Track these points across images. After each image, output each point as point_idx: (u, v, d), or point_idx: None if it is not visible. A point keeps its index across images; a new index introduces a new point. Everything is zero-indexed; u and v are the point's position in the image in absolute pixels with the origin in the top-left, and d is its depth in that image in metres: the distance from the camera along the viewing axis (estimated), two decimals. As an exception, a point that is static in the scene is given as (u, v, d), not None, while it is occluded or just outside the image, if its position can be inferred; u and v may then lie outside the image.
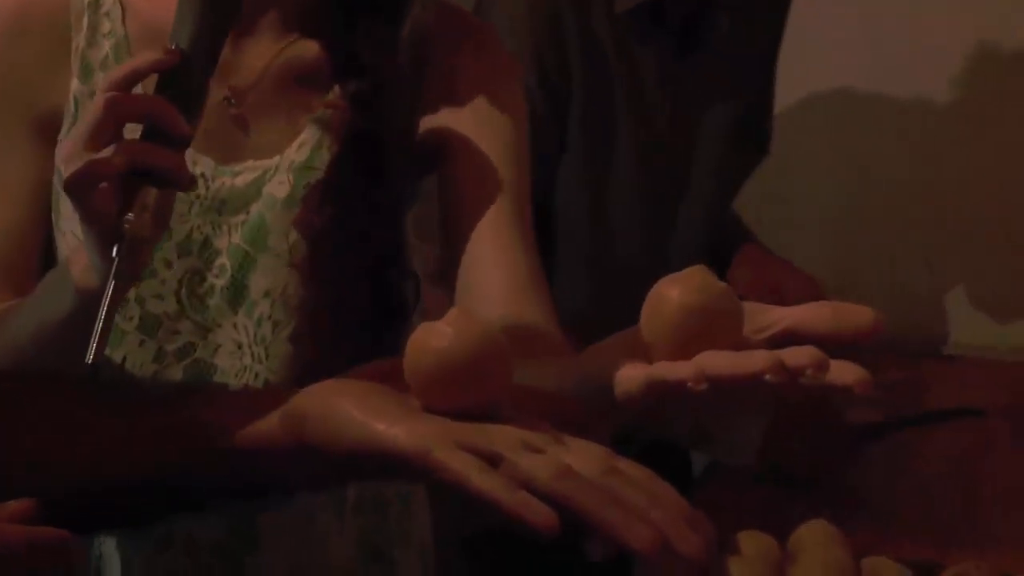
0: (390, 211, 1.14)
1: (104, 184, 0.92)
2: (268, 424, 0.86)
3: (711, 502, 1.42)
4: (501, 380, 0.82)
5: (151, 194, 0.93)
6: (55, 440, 0.92)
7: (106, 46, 1.13)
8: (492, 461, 0.76)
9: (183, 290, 1.13)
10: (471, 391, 0.82)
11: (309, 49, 1.14)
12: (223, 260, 1.13)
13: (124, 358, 1.13)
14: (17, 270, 1.14)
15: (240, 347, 1.13)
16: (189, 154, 1.05)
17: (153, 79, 0.97)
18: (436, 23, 1.16)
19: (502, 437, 0.78)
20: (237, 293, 1.13)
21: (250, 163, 1.13)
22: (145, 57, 0.96)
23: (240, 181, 1.13)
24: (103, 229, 0.93)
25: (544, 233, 1.62)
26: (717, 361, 0.79)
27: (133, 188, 0.92)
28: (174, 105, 0.94)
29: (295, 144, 1.13)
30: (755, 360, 0.78)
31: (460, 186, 1.14)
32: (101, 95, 0.92)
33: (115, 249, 0.92)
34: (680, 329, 0.83)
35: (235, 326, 1.13)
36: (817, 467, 1.58)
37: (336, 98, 1.12)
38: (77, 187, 0.92)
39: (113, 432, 0.92)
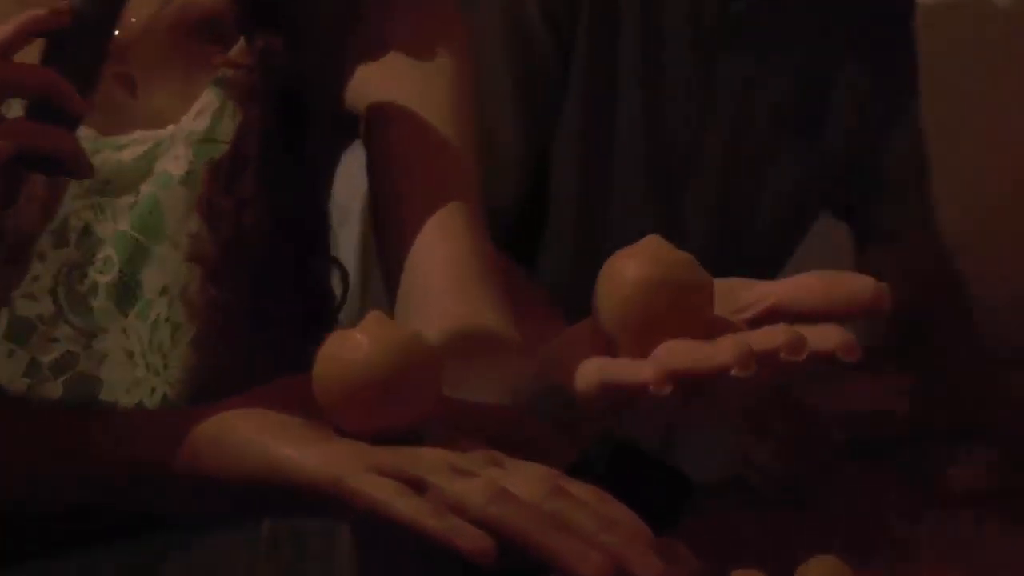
0: (310, 189, 1.06)
1: None
2: (158, 450, 0.82)
3: (709, 527, 1.35)
4: (426, 396, 0.77)
5: (39, 183, 0.87)
6: None
7: None
8: (416, 487, 0.72)
9: (60, 288, 1.02)
10: (390, 410, 0.76)
11: (211, 2, 1.04)
12: (108, 251, 1.03)
13: None
14: None
15: (131, 356, 1.03)
16: None
17: (36, 45, 0.85)
18: None
19: (427, 460, 0.74)
20: (127, 291, 1.03)
21: (138, 134, 1.03)
22: (29, 18, 0.84)
23: (127, 155, 1.02)
24: None
25: (538, 197, 1.55)
26: (678, 354, 0.73)
27: (17, 176, 0.83)
28: (66, 76, 0.83)
29: (192, 111, 1.03)
30: (720, 350, 0.72)
31: (395, 161, 1.05)
32: None
33: None
34: (639, 308, 0.76)
35: (125, 331, 1.03)
36: (792, 483, 1.48)
37: (240, 54, 1.03)
38: None
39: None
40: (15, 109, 0.86)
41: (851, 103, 1.64)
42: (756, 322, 0.76)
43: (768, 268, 1.65)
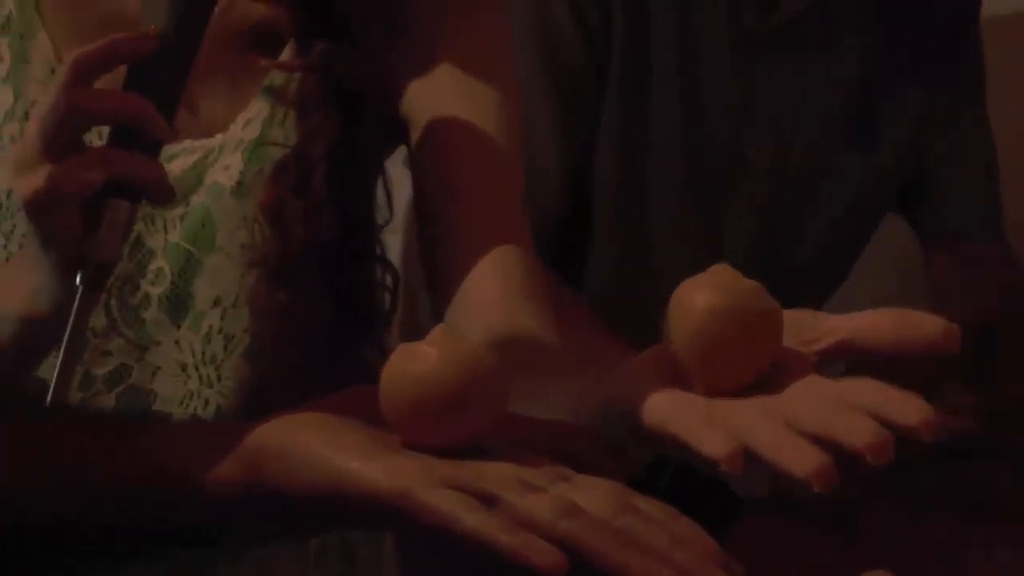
0: (364, 195, 1.06)
1: (72, 204, 0.83)
2: (222, 463, 0.83)
3: (755, 543, 1.35)
4: (493, 410, 0.78)
5: (122, 210, 0.84)
6: None
7: (9, 3, 1.02)
8: (486, 502, 0.72)
9: (113, 301, 1.02)
10: (458, 423, 0.77)
11: (256, 7, 1.04)
12: (160, 263, 1.02)
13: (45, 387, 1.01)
14: None
15: (184, 369, 1.03)
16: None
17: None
18: None
19: (496, 475, 0.74)
20: (179, 303, 1.02)
21: (188, 144, 1.02)
22: (114, 42, 0.84)
23: (176, 166, 1.02)
24: (65, 254, 0.84)
25: (581, 213, 1.54)
26: (760, 435, 0.72)
27: (101, 203, 0.83)
28: (151, 103, 0.83)
29: (241, 120, 1.03)
30: (803, 456, 0.71)
31: (442, 172, 1.04)
32: (61, 91, 0.81)
33: (79, 276, 0.83)
34: (708, 338, 0.77)
35: (177, 343, 1.03)
36: (840, 500, 1.47)
37: (292, 58, 1.03)
38: (41, 208, 0.83)
39: (47, 466, 0.90)
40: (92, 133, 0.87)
41: (906, 116, 1.61)
42: (826, 354, 0.76)
43: (824, 282, 1.64)
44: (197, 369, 1.03)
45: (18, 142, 0.97)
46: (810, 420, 0.72)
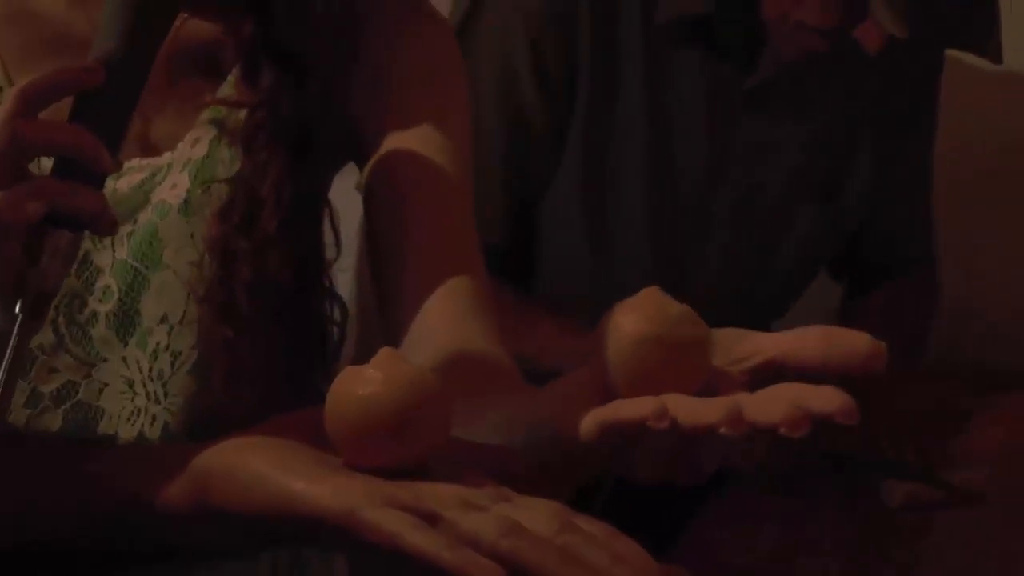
0: (312, 229, 1.05)
1: (12, 235, 0.81)
2: (169, 485, 0.83)
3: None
4: (436, 432, 0.78)
5: (64, 240, 0.83)
6: None
7: None
8: (429, 521, 0.73)
9: (60, 318, 1.01)
10: (402, 445, 0.77)
11: (203, 28, 1.03)
12: (107, 280, 1.01)
13: None
14: None
15: (131, 385, 1.02)
16: None
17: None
18: None
19: (439, 494, 0.75)
20: (126, 320, 1.01)
21: (135, 162, 1.02)
22: (62, 73, 0.83)
23: (124, 184, 1.01)
24: (5, 281, 0.83)
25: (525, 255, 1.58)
26: (679, 404, 0.74)
27: (42, 233, 0.82)
28: (95, 134, 0.82)
29: (189, 138, 1.02)
30: (713, 409, 0.73)
31: (392, 193, 1.04)
32: (5, 121, 0.80)
33: (18, 304, 0.82)
34: (637, 364, 0.78)
35: (124, 360, 1.02)
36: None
37: (234, 92, 1.02)
38: None
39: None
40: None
41: (870, 166, 1.65)
42: (755, 373, 0.77)
43: (777, 310, 1.69)
44: (144, 386, 1.02)
45: None
46: (726, 400, 0.73)
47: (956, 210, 1.89)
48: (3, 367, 0.82)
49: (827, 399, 0.72)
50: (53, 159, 0.84)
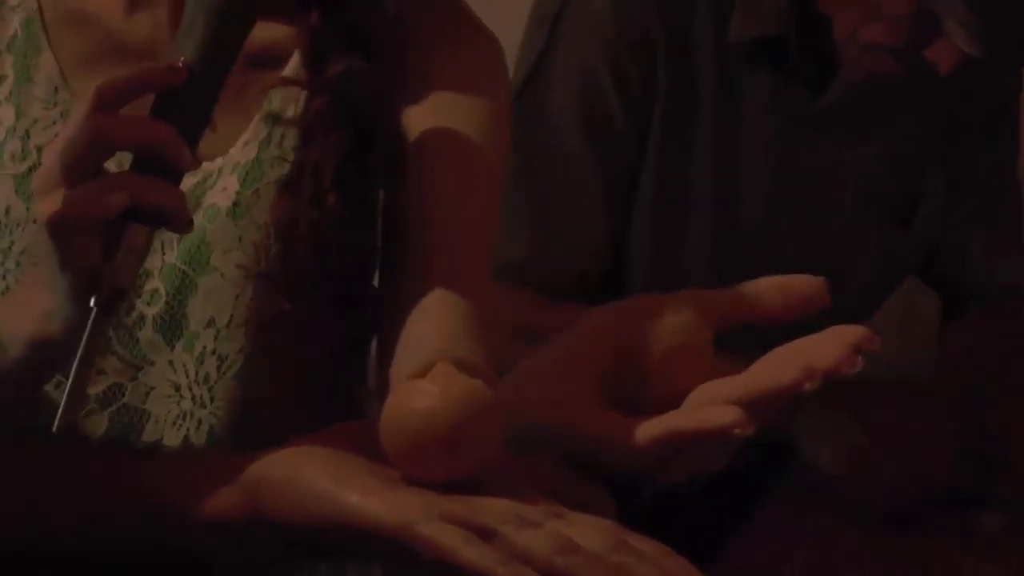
0: (362, 216, 1.06)
1: (89, 229, 0.83)
2: (222, 494, 0.85)
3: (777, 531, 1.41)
4: (492, 446, 0.82)
5: (141, 236, 0.85)
6: None
7: (15, 21, 1.02)
8: (484, 536, 0.75)
9: None
10: (457, 459, 0.79)
11: (265, 29, 1.03)
12: (155, 283, 1.02)
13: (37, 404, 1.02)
14: None
15: (177, 389, 1.03)
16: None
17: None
18: (402, 9, 1.06)
19: (494, 510, 0.77)
20: (173, 324, 1.02)
21: None
22: (145, 72, 0.85)
23: None
24: (81, 278, 0.85)
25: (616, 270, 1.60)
26: (750, 381, 0.85)
27: (120, 229, 0.84)
28: (176, 130, 0.85)
29: (240, 142, 1.03)
30: (788, 369, 0.84)
31: (411, 207, 1.05)
32: (87, 116, 0.83)
33: (93, 299, 0.83)
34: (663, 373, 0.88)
35: (171, 364, 1.02)
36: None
37: (298, 75, 1.03)
38: (59, 231, 0.84)
39: (40, 489, 0.90)
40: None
41: (945, 188, 1.65)
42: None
43: None
44: (190, 389, 1.02)
45: (18, 160, 0.98)
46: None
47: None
48: (76, 361, 0.83)
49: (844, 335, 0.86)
50: (132, 156, 0.85)
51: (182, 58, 0.85)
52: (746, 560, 1.38)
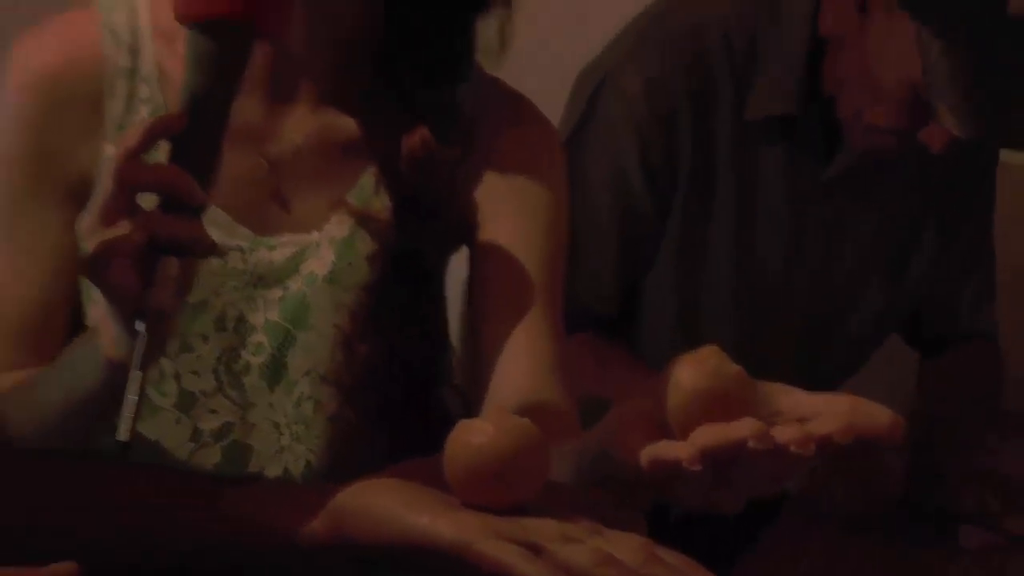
0: (433, 284, 1.17)
1: (124, 260, 0.90)
2: (308, 519, 0.90)
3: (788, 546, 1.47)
4: (539, 476, 0.86)
5: (173, 265, 0.91)
6: (86, 515, 0.95)
7: (144, 112, 1.11)
8: (533, 552, 0.80)
9: (220, 367, 1.12)
10: (510, 487, 0.86)
11: (347, 125, 1.14)
12: (260, 337, 1.13)
13: (159, 437, 1.12)
14: (41, 336, 1.13)
15: (278, 427, 1.13)
16: (225, 223, 1.08)
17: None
18: (482, 99, 1.16)
19: (542, 529, 0.82)
20: (275, 372, 1.13)
21: (287, 237, 1.13)
22: (152, 123, 0.92)
23: (278, 256, 1.12)
24: (126, 305, 0.92)
25: (630, 324, 1.72)
26: (707, 433, 0.84)
27: (153, 260, 0.91)
28: (188, 171, 0.91)
29: (334, 219, 1.13)
30: (742, 426, 0.83)
31: (492, 269, 1.15)
32: (113, 167, 0.90)
33: (139, 324, 0.90)
34: (691, 412, 0.87)
35: (271, 405, 1.13)
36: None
37: (379, 206, 1.14)
38: (95, 265, 0.91)
39: (149, 514, 0.94)
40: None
41: (934, 246, 1.77)
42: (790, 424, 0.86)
43: (843, 376, 1.81)
44: (289, 428, 1.12)
45: None
46: (751, 419, 0.84)
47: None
48: (130, 375, 0.89)
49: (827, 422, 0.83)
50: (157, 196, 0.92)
51: (184, 107, 0.92)
52: (757, 570, 1.45)
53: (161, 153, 0.93)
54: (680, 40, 1.61)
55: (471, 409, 1.15)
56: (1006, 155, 1.81)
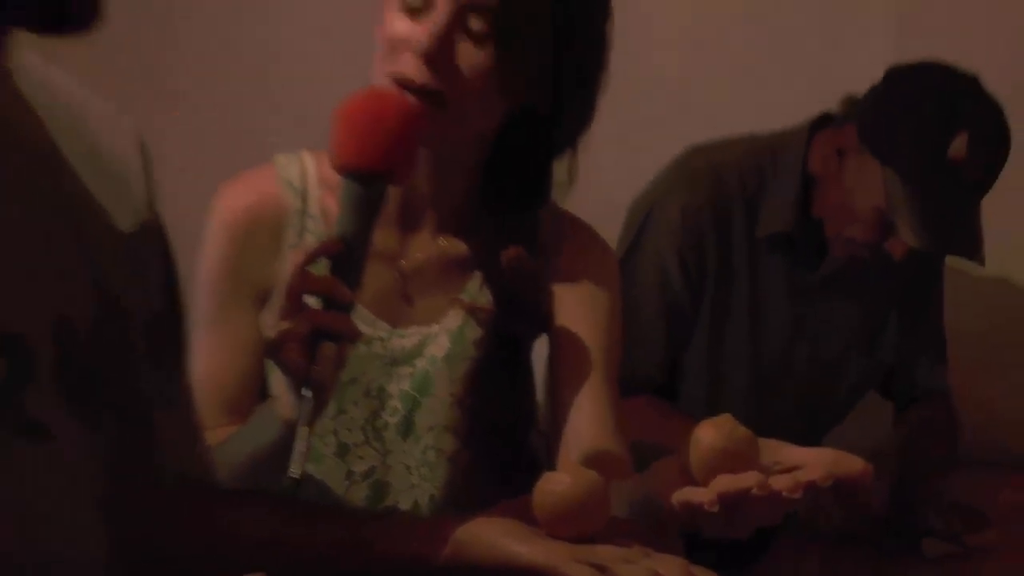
0: (523, 359, 1.41)
1: (295, 344, 1.10)
2: (431, 547, 1.03)
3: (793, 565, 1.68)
4: (604, 513, 1.05)
5: (331, 348, 1.11)
6: (255, 543, 1.05)
7: (310, 239, 1.35)
8: (602, 572, 0.97)
9: (367, 425, 1.35)
10: (582, 522, 1.03)
11: (461, 245, 1.37)
12: (395, 403, 1.35)
13: (323, 477, 1.33)
14: (241, 402, 1.34)
15: (409, 470, 1.35)
16: (370, 319, 1.32)
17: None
18: (557, 225, 1.38)
19: (607, 554, 0.99)
20: (407, 428, 1.35)
21: (415, 328, 1.37)
22: (316, 246, 1.13)
23: (408, 342, 1.37)
24: (297, 378, 1.11)
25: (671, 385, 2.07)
26: (722, 482, 1.04)
27: (316, 345, 1.11)
28: (340, 280, 1.12)
29: (450, 314, 1.35)
30: (748, 478, 1.03)
31: (565, 350, 1.36)
32: (286, 278, 1.10)
33: (305, 392, 1.10)
34: (710, 465, 1.08)
35: (404, 452, 1.34)
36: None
37: (483, 302, 1.37)
38: (274, 349, 1.11)
39: (304, 539, 1.05)
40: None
41: (898, 328, 2.13)
42: (785, 472, 1.07)
43: (831, 425, 2.17)
44: (418, 470, 1.35)
45: None
46: (756, 474, 1.04)
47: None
48: (299, 434, 1.06)
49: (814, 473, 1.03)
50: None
51: (339, 236, 1.13)
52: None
53: (322, 267, 1.16)
54: (706, 179, 1.98)
55: (552, 450, 1.36)
56: (950, 260, 2.18)
